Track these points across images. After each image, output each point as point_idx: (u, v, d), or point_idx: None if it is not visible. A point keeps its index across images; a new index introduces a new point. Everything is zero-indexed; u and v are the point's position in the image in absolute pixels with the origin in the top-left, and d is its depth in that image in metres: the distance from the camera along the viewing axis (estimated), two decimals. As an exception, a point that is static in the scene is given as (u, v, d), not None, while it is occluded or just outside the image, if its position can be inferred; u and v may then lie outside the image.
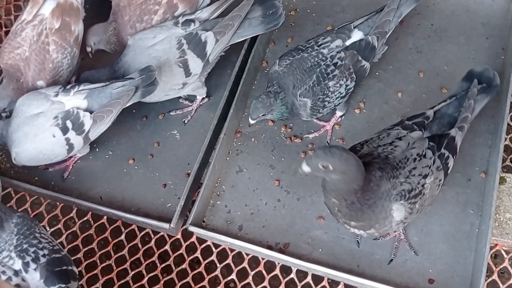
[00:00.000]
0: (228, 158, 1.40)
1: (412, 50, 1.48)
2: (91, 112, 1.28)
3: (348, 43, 1.29)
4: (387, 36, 1.33)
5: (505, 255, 1.24)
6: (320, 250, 1.25)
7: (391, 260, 1.21)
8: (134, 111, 1.49)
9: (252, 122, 1.28)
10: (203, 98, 1.47)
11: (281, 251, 1.26)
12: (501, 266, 1.23)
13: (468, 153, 1.32)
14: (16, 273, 1.08)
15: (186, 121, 1.46)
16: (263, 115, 1.26)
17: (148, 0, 1.40)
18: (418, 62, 1.46)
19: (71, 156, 1.40)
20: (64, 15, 1.36)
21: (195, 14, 1.38)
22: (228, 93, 1.41)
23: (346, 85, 1.28)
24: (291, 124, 1.42)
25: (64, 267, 1.12)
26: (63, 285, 1.09)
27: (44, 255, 1.10)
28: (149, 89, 1.30)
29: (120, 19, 1.42)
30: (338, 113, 1.40)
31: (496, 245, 1.24)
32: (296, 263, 1.21)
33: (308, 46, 1.30)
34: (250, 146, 1.41)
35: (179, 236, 1.35)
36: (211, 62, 1.38)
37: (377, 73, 1.46)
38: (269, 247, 1.26)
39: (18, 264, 1.08)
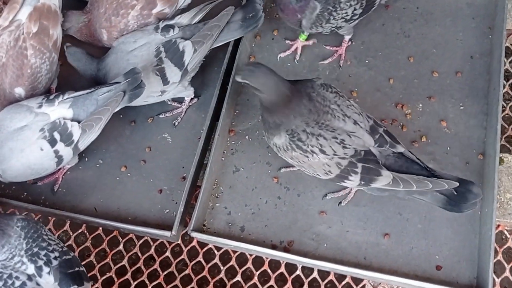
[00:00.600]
0: (223, 159, 1.36)
1: (399, 35, 1.47)
2: (78, 122, 1.23)
3: None
4: None
5: (508, 235, 1.25)
6: (326, 245, 1.24)
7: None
8: (121, 116, 1.44)
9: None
10: (191, 99, 1.43)
11: (286, 249, 1.24)
12: (505, 246, 1.24)
13: (464, 135, 1.32)
14: (30, 277, 1.04)
15: (176, 123, 1.41)
16: None
17: None
18: (407, 46, 1.44)
19: (60, 168, 1.35)
20: (42, 19, 1.30)
21: (174, 19, 1.33)
22: (219, 91, 1.38)
23: (354, 9, 1.28)
24: (285, 119, 1.39)
25: (76, 269, 1.10)
26: (78, 287, 1.07)
27: (55, 258, 1.07)
28: (136, 92, 1.25)
29: (96, 11, 1.37)
30: (347, 37, 1.42)
31: (499, 225, 1.25)
32: (302, 261, 1.19)
33: None
34: (245, 144, 1.38)
35: (179, 241, 1.32)
36: (191, 70, 1.34)
37: (366, 61, 1.44)
38: (274, 247, 1.24)
39: (30, 269, 1.05)
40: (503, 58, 1.31)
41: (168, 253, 1.32)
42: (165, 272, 1.30)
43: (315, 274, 1.26)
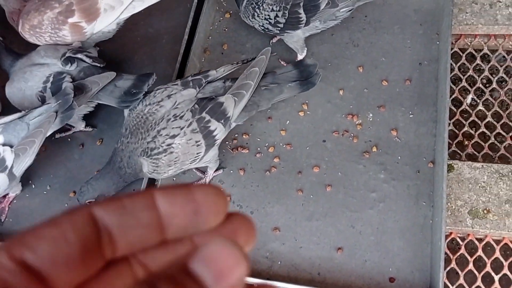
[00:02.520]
0: (174, 179, 1.34)
1: (348, 44, 1.46)
2: (11, 146, 1.19)
3: None
4: (340, 9, 1.30)
5: (460, 242, 1.25)
6: (279, 262, 1.23)
7: None
8: (69, 140, 1.40)
9: None
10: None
11: (239, 269, 1.22)
12: (458, 254, 1.24)
13: (414, 144, 1.32)
14: None
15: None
16: None
17: None
18: (356, 56, 1.44)
19: (5, 197, 1.31)
20: None
21: (79, 52, 1.30)
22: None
23: (276, 15, 1.29)
24: (236, 135, 1.38)
25: None
26: None
27: None
28: (67, 114, 1.21)
29: (30, 2, 1.35)
30: (299, 56, 1.41)
31: (451, 233, 1.25)
32: (255, 282, 1.17)
33: None
34: (195, 173, 1.35)
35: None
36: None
37: (316, 72, 1.43)
38: (227, 267, 1.23)
39: None
40: (449, 65, 1.32)
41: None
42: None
43: (271, 292, 1.24)
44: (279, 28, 1.31)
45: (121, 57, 1.48)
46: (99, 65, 1.28)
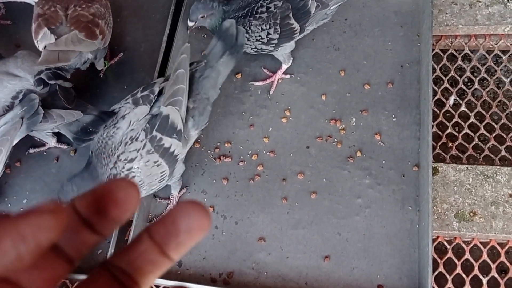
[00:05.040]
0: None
1: (330, 48, 1.44)
2: None
3: None
4: (330, 8, 1.28)
5: (447, 246, 1.24)
6: (266, 273, 1.20)
7: None
8: (45, 153, 1.36)
9: (190, 24, 1.26)
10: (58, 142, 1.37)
11: (225, 282, 1.20)
12: (446, 258, 1.23)
13: (398, 147, 1.31)
14: None
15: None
16: (202, 17, 1.26)
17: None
18: (338, 60, 1.42)
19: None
20: None
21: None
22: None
23: (268, 33, 1.26)
24: (218, 143, 1.35)
25: None
26: None
27: None
28: (33, 120, 1.16)
29: None
30: (284, 66, 1.38)
31: (438, 237, 1.24)
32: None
33: None
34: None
35: (116, 281, 1.25)
36: None
37: (298, 77, 1.41)
38: (213, 280, 1.20)
39: None
40: (431, 67, 1.31)
41: (104, 295, 1.25)
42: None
43: (259, 303, 1.22)
44: (274, 45, 1.28)
45: (98, 67, 1.44)
46: (66, 104, 1.20)
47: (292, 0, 1.25)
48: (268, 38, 1.26)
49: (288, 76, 1.40)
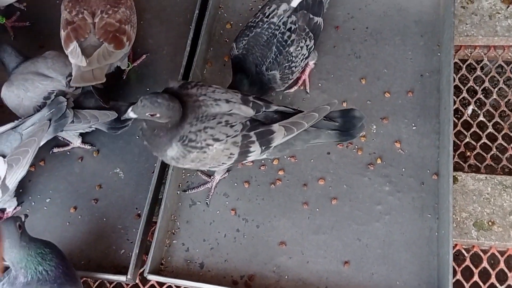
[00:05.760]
0: (179, 192, 1.33)
1: (351, 56, 1.46)
2: (3, 157, 1.16)
3: (294, 4, 1.29)
4: None
5: (465, 254, 1.26)
6: (287, 277, 1.22)
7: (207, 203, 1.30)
8: (68, 153, 1.38)
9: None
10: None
11: (247, 284, 1.21)
12: (463, 265, 1.25)
13: (418, 156, 1.32)
14: None
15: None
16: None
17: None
18: (359, 68, 1.44)
19: (3, 212, 1.28)
20: None
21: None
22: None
23: (307, 45, 1.30)
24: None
25: None
26: None
27: None
28: (61, 122, 1.19)
29: None
30: (311, 62, 1.41)
31: (456, 245, 1.26)
32: None
33: (258, 20, 1.30)
34: (200, 176, 1.34)
35: (137, 281, 1.27)
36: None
37: (319, 84, 1.43)
38: (234, 283, 1.22)
39: None
40: (451, 77, 1.32)
41: (126, 294, 1.27)
42: (124, 315, 1.25)
43: (278, 306, 1.24)
44: (313, 47, 1.33)
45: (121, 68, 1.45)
46: (103, 104, 1.24)
47: (302, 5, 1.28)
48: (308, 50, 1.30)
49: (313, 63, 1.42)
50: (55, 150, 1.38)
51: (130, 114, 1.05)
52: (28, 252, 1.03)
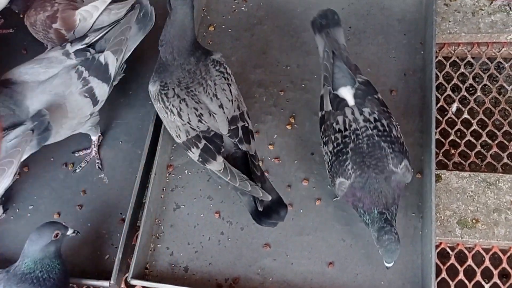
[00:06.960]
0: (163, 196, 1.32)
1: (334, 55, 1.45)
2: None
3: (352, 101, 1.18)
4: None
5: (450, 252, 1.26)
6: (271, 279, 1.22)
7: None
8: (52, 159, 1.38)
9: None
10: (99, 137, 1.38)
11: (231, 287, 1.21)
12: (448, 264, 1.24)
13: (402, 154, 1.32)
14: None
15: (98, 166, 1.37)
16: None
17: None
18: (342, 67, 1.44)
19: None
20: None
21: (82, 41, 1.27)
22: (153, 126, 1.33)
23: (394, 118, 1.20)
24: (224, 150, 1.36)
25: None
26: None
27: None
28: (44, 136, 1.19)
29: None
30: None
31: (441, 243, 1.25)
32: None
33: (340, 141, 1.14)
34: (184, 179, 1.34)
35: (122, 285, 1.27)
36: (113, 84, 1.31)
37: (303, 85, 1.43)
38: (219, 286, 1.22)
39: None
40: (434, 75, 1.32)
41: (112, 299, 1.27)
42: (110, 320, 1.25)
43: (264, 308, 1.24)
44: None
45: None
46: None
47: (359, 94, 1.19)
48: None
49: None
50: (77, 154, 1.39)
51: None
52: (42, 258, 1.10)
